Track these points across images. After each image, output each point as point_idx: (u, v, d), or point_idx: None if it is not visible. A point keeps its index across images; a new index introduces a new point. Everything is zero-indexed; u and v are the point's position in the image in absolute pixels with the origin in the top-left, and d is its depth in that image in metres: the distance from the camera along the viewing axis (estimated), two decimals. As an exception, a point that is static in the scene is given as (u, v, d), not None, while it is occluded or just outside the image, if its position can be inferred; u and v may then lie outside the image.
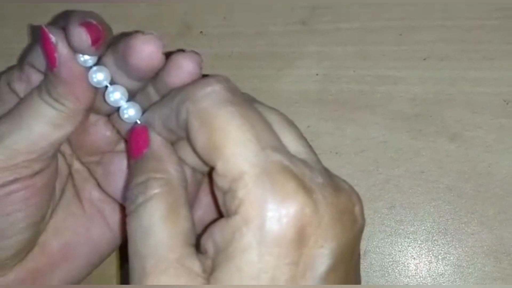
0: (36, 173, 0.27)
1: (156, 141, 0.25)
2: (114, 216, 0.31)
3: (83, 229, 0.30)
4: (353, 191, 0.23)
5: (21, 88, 0.27)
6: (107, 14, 0.37)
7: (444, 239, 0.35)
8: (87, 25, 0.24)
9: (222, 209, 0.23)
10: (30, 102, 0.26)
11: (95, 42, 0.24)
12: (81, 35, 0.24)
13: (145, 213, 0.23)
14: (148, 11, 0.37)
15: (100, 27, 0.25)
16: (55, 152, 0.27)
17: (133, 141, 0.26)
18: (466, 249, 0.34)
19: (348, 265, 0.22)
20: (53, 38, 0.25)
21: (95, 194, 0.30)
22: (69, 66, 0.25)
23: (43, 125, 0.26)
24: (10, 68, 0.29)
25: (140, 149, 0.25)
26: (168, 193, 0.23)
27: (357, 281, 0.24)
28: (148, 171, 0.24)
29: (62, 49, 0.25)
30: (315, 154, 0.24)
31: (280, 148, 0.22)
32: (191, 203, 0.26)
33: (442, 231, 0.35)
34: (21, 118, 0.26)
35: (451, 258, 0.34)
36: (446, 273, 0.34)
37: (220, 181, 0.22)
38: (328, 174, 0.23)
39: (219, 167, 0.22)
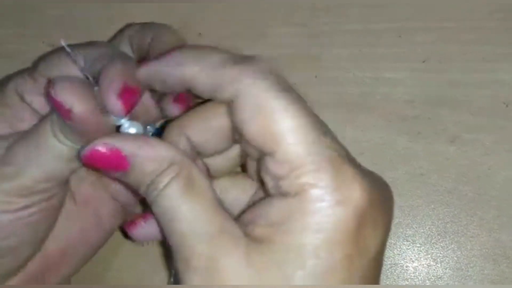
0: (53, 195, 0.27)
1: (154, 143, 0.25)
2: (105, 212, 0.31)
3: (78, 228, 0.30)
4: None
5: (36, 100, 0.27)
6: (107, 15, 0.37)
7: (443, 242, 0.34)
8: (124, 93, 0.23)
9: (273, 191, 0.23)
10: (44, 135, 0.25)
11: (130, 109, 0.24)
12: (117, 107, 0.23)
13: (165, 198, 0.23)
14: (147, 12, 0.37)
15: (136, 92, 0.24)
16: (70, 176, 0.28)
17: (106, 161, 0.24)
18: (465, 252, 0.34)
19: (383, 253, 0.24)
20: (67, 105, 0.23)
21: (90, 193, 0.31)
22: (88, 124, 0.24)
23: (57, 160, 0.26)
24: (19, 73, 0.28)
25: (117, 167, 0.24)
26: (181, 172, 0.23)
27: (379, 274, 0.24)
28: (157, 164, 0.24)
29: (81, 113, 0.23)
30: None
31: (333, 136, 0.23)
32: None
33: (441, 234, 0.34)
34: (38, 149, 0.25)
35: (450, 261, 0.34)
36: (445, 276, 0.34)
37: (277, 168, 0.22)
38: None
39: (279, 155, 0.22)
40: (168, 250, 0.24)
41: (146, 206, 0.27)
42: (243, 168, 0.28)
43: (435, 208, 0.35)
